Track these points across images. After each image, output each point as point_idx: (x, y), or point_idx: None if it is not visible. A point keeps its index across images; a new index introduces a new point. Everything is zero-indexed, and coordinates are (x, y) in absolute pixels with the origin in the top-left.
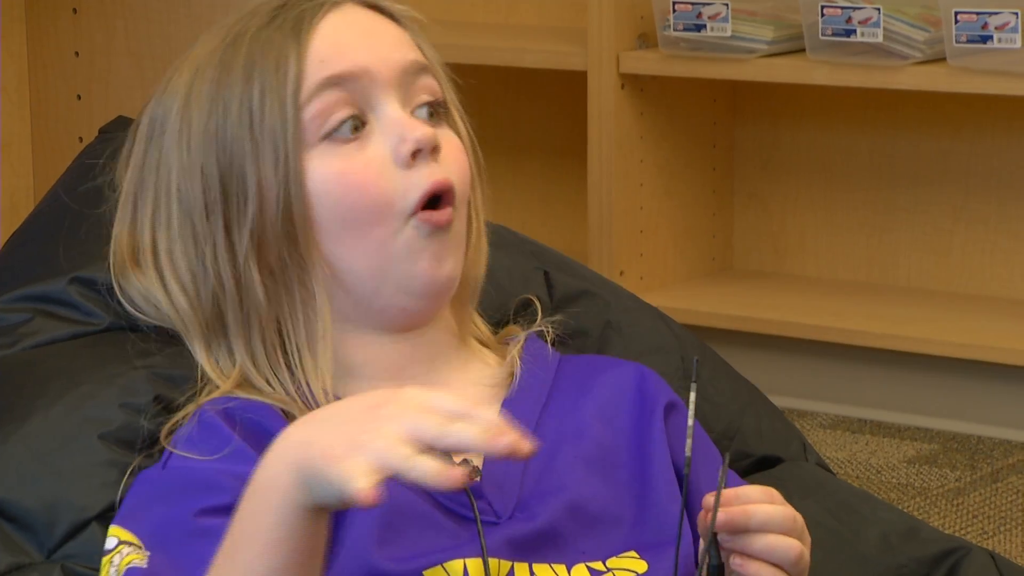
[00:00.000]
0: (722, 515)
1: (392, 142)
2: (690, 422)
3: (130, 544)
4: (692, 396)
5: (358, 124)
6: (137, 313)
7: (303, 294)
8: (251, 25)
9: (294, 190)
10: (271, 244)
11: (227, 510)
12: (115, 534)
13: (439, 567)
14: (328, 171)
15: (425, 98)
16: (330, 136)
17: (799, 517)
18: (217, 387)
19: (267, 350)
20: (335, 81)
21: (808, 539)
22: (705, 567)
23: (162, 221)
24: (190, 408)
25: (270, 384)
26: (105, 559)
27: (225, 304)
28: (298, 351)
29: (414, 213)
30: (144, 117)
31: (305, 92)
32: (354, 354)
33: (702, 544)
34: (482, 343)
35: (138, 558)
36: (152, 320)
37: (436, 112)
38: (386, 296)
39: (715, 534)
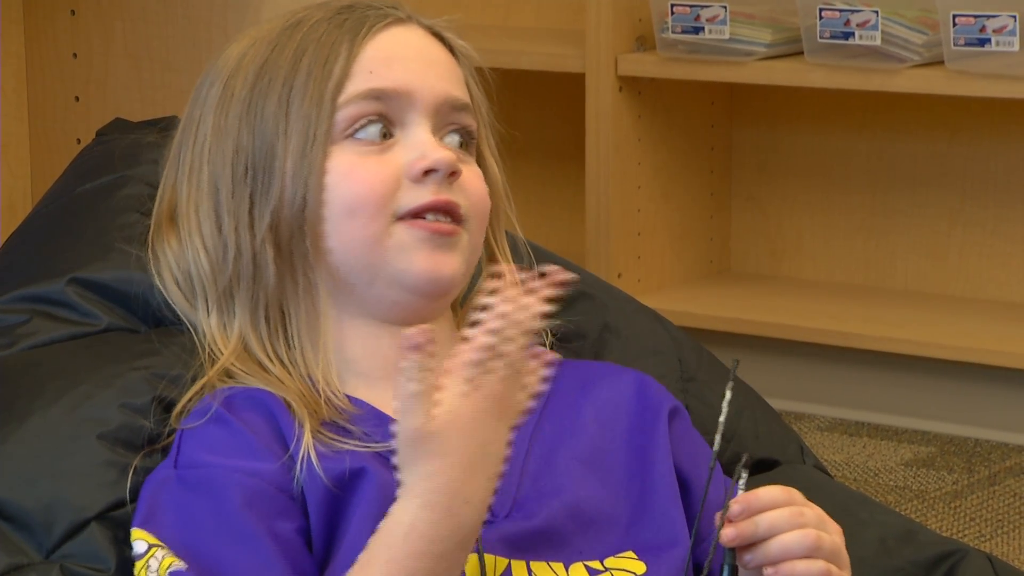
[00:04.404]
0: (732, 531)
1: (411, 157)
2: (721, 418)
3: (161, 548)
4: (727, 394)
5: (386, 133)
6: (167, 288)
7: (305, 283)
8: (314, 15)
9: (313, 180)
10: (284, 228)
11: (244, 509)
12: (142, 537)
13: None
14: (344, 166)
15: (456, 125)
16: (356, 137)
17: (809, 510)
18: (218, 357)
19: (270, 329)
20: (376, 95)
21: (833, 526)
22: (723, 568)
23: (195, 181)
24: (195, 388)
25: (268, 356)
26: (139, 563)
27: (240, 274)
28: (298, 336)
29: (403, 219)
30: (200, 80)
31: (345, 95)
32: (352, 347)
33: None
34: None
35: (176, 561)
36: (174, 298)
37: (467, 144)
38: (379, 289)
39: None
